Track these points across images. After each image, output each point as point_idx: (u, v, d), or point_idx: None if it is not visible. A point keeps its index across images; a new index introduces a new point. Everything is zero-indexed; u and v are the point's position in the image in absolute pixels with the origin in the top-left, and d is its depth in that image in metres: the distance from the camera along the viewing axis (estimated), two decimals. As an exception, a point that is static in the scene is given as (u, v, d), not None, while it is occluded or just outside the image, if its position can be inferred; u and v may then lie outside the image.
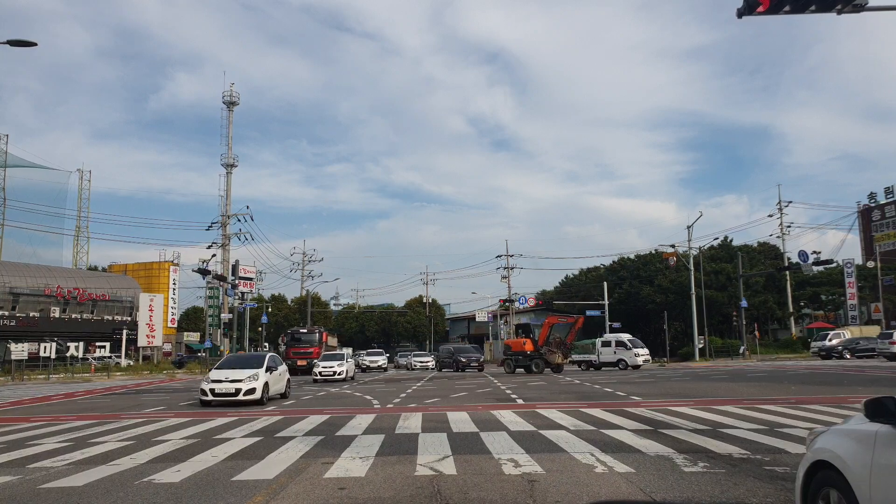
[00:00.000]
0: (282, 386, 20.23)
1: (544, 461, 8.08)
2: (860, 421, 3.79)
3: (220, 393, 17.75)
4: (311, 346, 42.34)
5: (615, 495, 6.36)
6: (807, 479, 4.03)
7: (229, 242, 54.76)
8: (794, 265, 56.34)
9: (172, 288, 72.99)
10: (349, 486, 7.01)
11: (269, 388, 18.74)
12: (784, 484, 6.56)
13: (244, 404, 17.63)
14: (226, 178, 56.45)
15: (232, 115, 58.13)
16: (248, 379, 18.00)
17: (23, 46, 17.96)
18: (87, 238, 79.54)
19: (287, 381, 20.80)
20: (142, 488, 7.15)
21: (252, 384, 17.92)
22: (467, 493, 6.49)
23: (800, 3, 9.99)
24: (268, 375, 18.67)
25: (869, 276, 62.37)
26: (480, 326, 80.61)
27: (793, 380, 23.26)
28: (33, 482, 7.66)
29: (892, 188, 69.41)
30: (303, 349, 41.74)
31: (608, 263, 77.85)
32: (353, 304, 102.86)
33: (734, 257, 60.86)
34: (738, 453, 8.38)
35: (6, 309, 56.02)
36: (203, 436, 11.53)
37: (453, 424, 12.18)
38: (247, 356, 20.16)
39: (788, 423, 11.18)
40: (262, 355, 20.24)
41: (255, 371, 18.43)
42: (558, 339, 37.32)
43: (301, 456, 9.01)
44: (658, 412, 13.51)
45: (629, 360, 39.92)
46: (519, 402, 17.22)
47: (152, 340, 63.35)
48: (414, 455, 8.77)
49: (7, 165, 67.64)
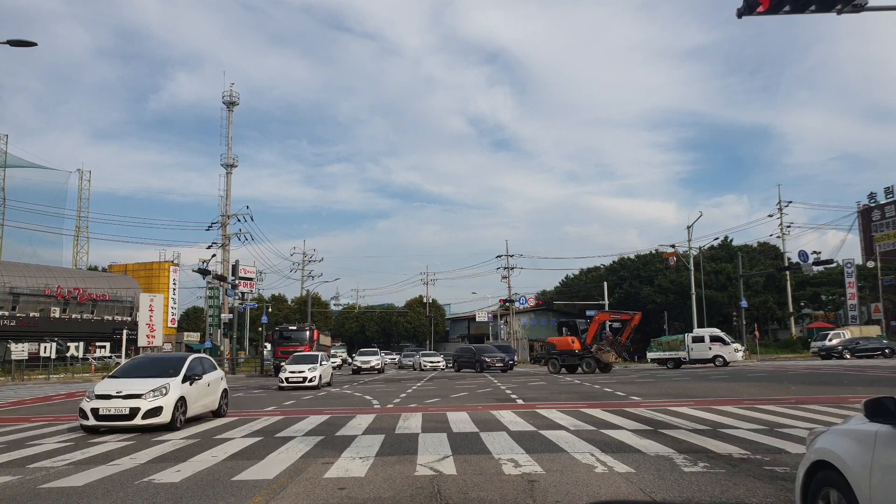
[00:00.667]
0: (212, 401, 14.62)
1: (544, 461, 8.08)
2: (860, 421, 3.79)
3: (107, 415, 12.07)
4: (301, 344, 38.57)
5: (615, 495, 6.35)
6: (807, 479, 4.03)
7: (229, 242, 54.71)
8: (794, 265, 56.32)
9: (172, 288, 72.99)
10: (349, 486, 7.01)
11: (189, 404, 13.20)
12: (784, 484, 6.56)
13: (145, 430, 12.22)
14: (226, 178, 56.42)
15: (232, 115, 58.13)
16: (152, 393, 12.32)
17: (23, 46, 17.96)
18: (87, 238, 79.66)
19: (223, 393, 15.25)
20: (142, 488, 7.15)
21: (156, 401, 12.25)
22: (467, 493, 6.49)
23: (800, 3, 9.99)
24: (185, 387, 13.15)
25: (869, 276, 62.38)
26: (480, 326, 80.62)
27: (793, 380, 23.26)
28: (33, 482, 7.66)
29: (892, 188, 69.44)
30: (292, 348, 37.07)
31: (608, 263, 77.94)
32: (354, 304, 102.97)
33: (734, 257, 60.86)
34: (738, 453, 8.38)
35: (6, 309, 56.02)
36: (203, 436, 11.54)
37: (453, 424, 12.18)
38: (160, 359, 15.08)
39: (788, 423, 11.18)
40: (183, 357, 14.44)
41: (163, 382, 12.68)
42: (610, 336, 35.39)
43: (301, 456, 9.02)
44: (658, 412, 13.50)
45: (728, 356, 36.68)
46: (519, 402, 17.21)
47: (152, 340, 63.28)
48: (414, 455, 8.77)
49: (7, 165, 67.67)
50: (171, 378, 13.01)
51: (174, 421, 12.44)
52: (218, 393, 15.00)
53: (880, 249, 66.35)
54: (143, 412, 12.07)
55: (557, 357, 35.64)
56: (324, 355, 29.62)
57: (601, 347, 34.36)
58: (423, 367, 48.15)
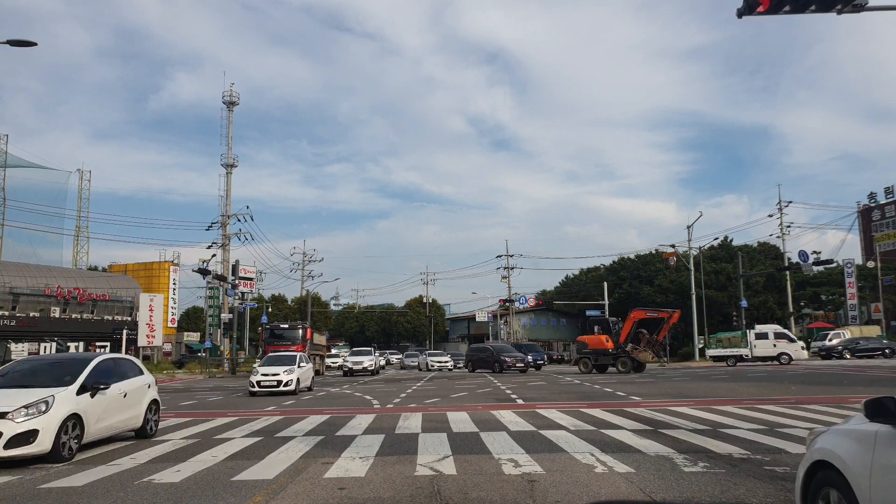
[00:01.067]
0: (132, 417, 11.02)
1: (544, 461, 8.08)
2: (860, 421, 3.79)
3: None
4: (294, 343, 35.68)
5: (615, 495, 6.36)
6: (807, 479, 4.03)
7: (229, 242, 54.72)
8: (794, 265, 56.33)
9: (172, 288, 72.95)
10: (349, 486, 7.01)
11: (88, 424, 9.60)
12: (784, 484, 6.56)
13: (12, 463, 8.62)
14: (226, 178, 56.40)
15: (232, 115, 58.12)
16: (24, 411, 8.70)
17: (23, 46, 17.97)
18: (87, 238, 79.53)
19: (150, 405, 11.54)
20: (142, 488, 7.16)
21: (29, 422, 8.63)
22: (467, 493, 6.49)
23: (800, 3, 9.99)
24: (83, 400, 9.57)
25: (869, 276, 62.41)
26: (480, 326, 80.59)
27: (793, 380, 23.27)
28: (33, 482, 7.66)
29: (892, 188, 69.48)
30: (283, 348, 33.74)
31: (608, 263, 77.90)
32: (354, 304, 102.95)
33: (734, 257, 60.87)
34: (738, 453, 8.38)
35: (6, 309, 56.02)
36: (203, 436, 11.54)
37: (453, 424, 12.18)
38: (55, 362, 11.35)
39: (788, 423, 11.18)
40: (86, 359, 10.60)
41: (45, 394, 9.09)
42: (647, 335, 34.30)
43: (301, 456, 9.02)
44: (658, 412, 13.51)
45: (794, 353, 35.83)
46: (519, 402, 17.21)
47: (152, 340, 63.28)
48: (414, 455, 8.77)
49: (7, 165, 67.61)
50: (61, 388, 9.39)
51: (57, 449, 8.81)
52: (142, 406, 11.24)
53: (880, 249, 66.37)
54: (5, 439, 8.43)
55: (590, 356, 34.59)
56: (304, 356, 26.16)
57: (636, 346, 33.30)
58: (430, 368, 45.65)
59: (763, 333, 37.64)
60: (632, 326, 34.09)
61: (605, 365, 34.10)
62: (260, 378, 22.28)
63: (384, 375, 39.49)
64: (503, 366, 36.49)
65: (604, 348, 33.99)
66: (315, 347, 40.15)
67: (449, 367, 45.18)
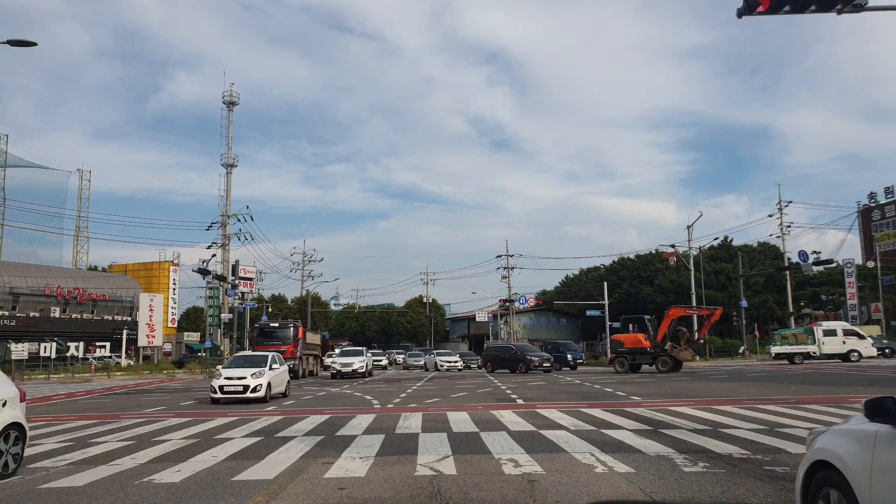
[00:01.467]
0: None
1: (544, 461, 8.08)
2: (860, 421, 3.79)
3: None
4: (285, 343, 34.31)
5: (615, 495, 6.36)
6: (807, 479, 4.03)
7: (229, 242, 54.79)
8: (794, 265, 56.31)
9: (172, 288, 72.96)
10: (349, 486, 7.01)
11: None
12: (784, 484, 6.56)
13: None
14: (226, 178, 56.48)
15: (232, 115, 58.17)
16: None
17: (23, 46, 17.95)
18: (87, 238, 79.54)
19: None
20: (142, 488, 7.16)
21: None
22: (467, 493, 6.49)
23: (800, 3, 9.98)
24: None
25: (869, 276, 62.41)
26: (480, 326, 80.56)
27: (793, 380, 23.28)
28: (33, 482, 7.66)
29: (892, 188, 69.48)
30: (274, 347, 31.83)
31: (608, 263, 77.97)
32: (354, 304, 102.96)
33: (734, 257, 60.86)
34: (738, 453, 8.38)
35: (6, 309, 56.02)
36: (203, 436, 11.53)
37: (453, 424, 12.18)
38: None
39: (788, 423, 11.19)
40: None
41: None
42: (687, 334, 33.54)
43: (301, 456, 9.02)
44: (658, 412, 13.51)
45: (864, 350, 34.30)
46: (519, 402, 17.22)
47: (152, 340, 63.39)
48: (414, 455, 8.78)
49: (7, 165, 67.60)
50: None
51: None
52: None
53: (880, 249, 66.37)
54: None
55: (626, 355, 33.62)
56: (278, 356, 22.22)
57: (675, 345, 32.51)
58: (439, 368, 43.50)
59: (831, 330, 36.22)
60: (669, 324, 33.24)
61: (642, 364, 33.21)
62: (223, 382, 19.06)
63: (384, 375, 38.86)
64: (529, 366, 34.99)
65: (641, 346, 33.14)
66: (309, 347, 38.89)
67: (459, 367, 43.48)
